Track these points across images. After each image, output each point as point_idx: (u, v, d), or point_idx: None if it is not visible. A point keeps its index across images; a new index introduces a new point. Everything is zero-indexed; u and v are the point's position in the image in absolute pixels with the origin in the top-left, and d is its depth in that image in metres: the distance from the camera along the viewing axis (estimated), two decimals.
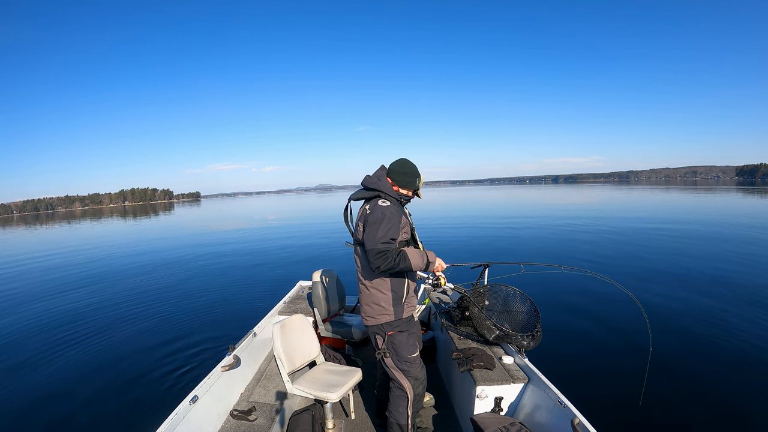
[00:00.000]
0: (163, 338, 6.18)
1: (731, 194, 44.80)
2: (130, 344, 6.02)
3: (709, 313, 6.34)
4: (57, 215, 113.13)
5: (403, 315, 2.48)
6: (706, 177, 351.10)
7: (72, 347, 6.04)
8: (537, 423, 2.49)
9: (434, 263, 2.47)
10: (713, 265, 9.56)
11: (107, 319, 7.35)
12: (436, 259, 2.47)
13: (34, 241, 27.00)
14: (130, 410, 4.18)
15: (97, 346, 6.02)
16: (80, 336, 6.49)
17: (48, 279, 11.73)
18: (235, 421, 2.61)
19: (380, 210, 2.32)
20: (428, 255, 2.43)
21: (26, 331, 6.93)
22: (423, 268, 2.39)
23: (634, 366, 4.63)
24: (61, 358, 5.65)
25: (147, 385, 4.71)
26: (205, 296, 8.63)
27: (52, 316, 7.72)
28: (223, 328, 6.44)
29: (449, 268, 2.70)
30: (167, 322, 6.97)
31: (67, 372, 5.22)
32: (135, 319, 7.26)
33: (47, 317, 7.70)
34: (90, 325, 7.00)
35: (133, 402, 4.36)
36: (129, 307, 8.02)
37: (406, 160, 2.53)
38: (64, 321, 7.37)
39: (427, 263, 2.41)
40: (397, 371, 2.51)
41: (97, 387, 4.77)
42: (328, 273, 3.89)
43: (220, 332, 6.21)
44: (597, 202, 36.60)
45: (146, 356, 5.54)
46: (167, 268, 12.34)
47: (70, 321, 7.34)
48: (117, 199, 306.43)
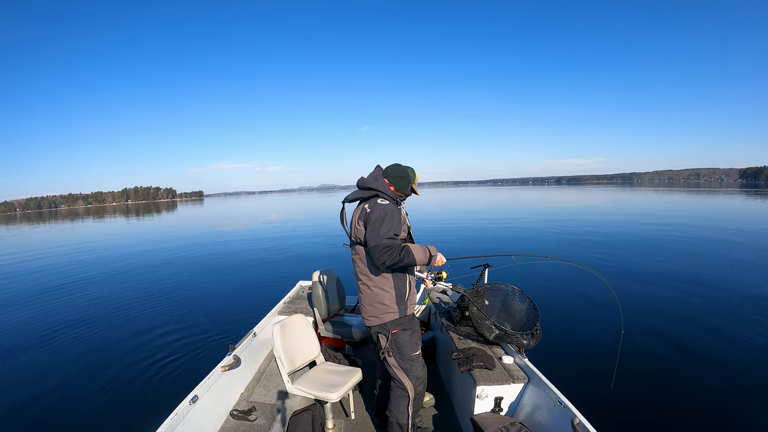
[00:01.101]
0: (163, 338, 6.19)
1: (733, 197, 44.69)
2: (130, 344, 6.02)
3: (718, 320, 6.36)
4: (60, 213, 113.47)
5: (407, 312, 2.53)
6: (709, 179, 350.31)
7: (72, 347, 6.05)
8: (537, 423, 2.49)
9: (436, 257, 2.50)
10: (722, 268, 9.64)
11: (107, 318, 7.36)
12: (437, 253, 2.51)
13: (35, 240, 27.00)
14: (130, 410, 4.18)
15: (96, 346, 6.03)
16: (80, 335, 6.51)
17: (47, 279, 11.71)
18: (235, 421, 2.61)
19: (381, 208, 2.36)
20: (430, 249, 2.47)
21: (26, 332, 6.92)
22: (426, 262, 2.44)
23: (632, 366, 4.65)
24: (61, 358, 5.66)
25: (147, 385, 4.71)
26: (205, 296, 8.64)
27: (52, 316, 7.72)
28: (223, 328, 6.45)
29: (449, 262, 2.72)
30: (167, 322, 6.98)
31: (67, 371, 5.23)
32: (135, 318, 7.27)
33: (47, 317, 7.70)
34: (90, 325, 7.01)
35: (133, 402, 4.36)
36: (129, 307, 8.03)
37: (400, 165, 2.59)
38: (64, 321, 7.37)
39: (429, 257, 2.46)
40: (399, 370, 2.52)
41: (97, 386, 4.77)
42: (328, 273, 3.90)
43: (220, 332, 6.22)
44: (602, 204, 36.55)
45: (146, 356, 5.55)
46: (167, 267, 12.36)
47: (70, 321, 7.35)
48: (120, 198, 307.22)
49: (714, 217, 22.09)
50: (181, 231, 25.95)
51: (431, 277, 2.63)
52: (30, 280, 11.63)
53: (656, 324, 6.03)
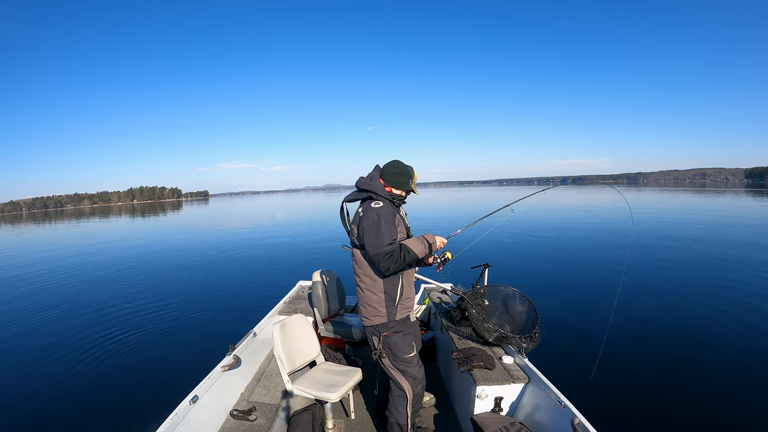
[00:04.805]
0: (163, 338, 6.22)
1: (739, 197, 44.20)
2: (130, 344, 6.05)
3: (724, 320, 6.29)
4: (66, 213, 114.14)
5: (396, 317, 2.48)
6: (715, 179, 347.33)
7: (72, 346, 6.08)
8: (537, 423, 2.48)
9: (435, 243, 2.44)
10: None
11: (107, 318, 7.39)
12: (434, 238, 2.45)
13: (34, 240, 27.16)
14: (131, 410, 4.20)
15: (96, 346, 6.05)
16: (80, 335, 6.54)
17: (47, 279, 11.77)
18: (235, 421, 2.61)
19: (374, 212, 2.33)
20: (426, 238, 2.41)
21: (26, 332, 6.95)
22: (427, 252, 2.38)
23: (633, 366, 4.63)
24: (61, 358, 5.69)
25: (147, 385, 4.73)
26: (206, 296, 8.67)
27: (52, 316, 7.77)
28: (223, 328, 6.47)
29: (450, 241, 2.62)
30: (167, 321, 7.01)
31: (67, 371, 5.26)
32: (134, 318, 7.30)
33: (47, 317, 7.75)
34: (89, 325, 7.04)
35: (133, 401, 4.38)
36: (128, 307, 8.06)
37: (399, 162, 2.52)
38: (64, 320, 7.42)
39: (429, 246, 2.39)
40: (395, 371, 2.52)
41: (98, 386, 4.80)
42: (328, 273, 3.90)
43: (220, 332, 6.23)
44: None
45: (146, 356, 5.58)
46: (167, 267, 12.41)
47: (70, 320, 7.39)
48: (125, 198, 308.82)
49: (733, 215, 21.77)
50: (183, 231, 26.07)
51: (438, 262, 2.57)
52: (30, 281, 11.67)
53: (657, 324, 5.99)
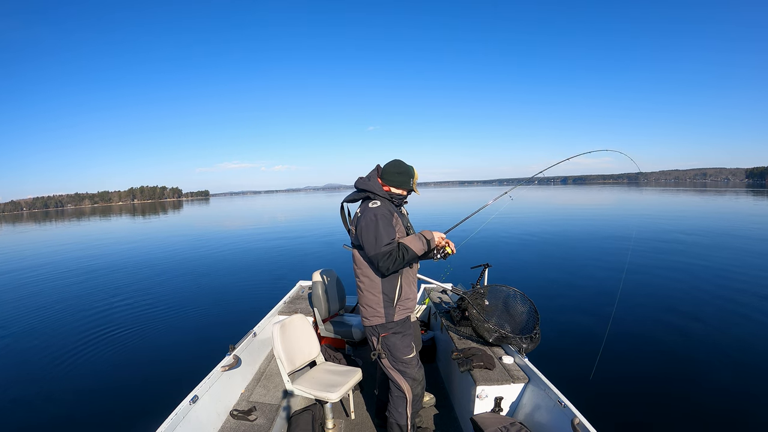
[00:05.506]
0: (163, 338, 6.22)
1: (739, 197, 44.16)
2: (130, 344, 6.06)
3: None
4: (66, 212, 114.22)
5: (395, 318, 2.46)
6: (715, 179, 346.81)
7: (71, 346, 6.08)
8: (537, 423, 2.48)
9: (433, 239, 2.41)
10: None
11: (106, 318, 7.40)
12: (432, 233, 2.42)
13: (34, 240, 27.17)
14: (131, 409, 4.21)
15: (96, 346, 6.06)
16: (80, 335, 6.54)
17: (47, 279, 11.80)
18: (235, 421, 2.61)
19: (371, 213, 2.32)
20: (424, 234, 2.38)
21: (26, 332, 6.97)
22: (425, 248, 2.35)
23: (633, 366, 4.63)
24: (61, 357, 5.69)
25: (147, 385, 4.73)
26: (206, 296, 8.67)
27: (52, 316, 7.79)
28: (223, 328, 6.47)
29: (447, 235, 2.58)
30: (167, 321, 7.02)
31: (67, 370, 5.27)
32: (135, 318, 7.30)
33: (47, 317, 7.76)
34: (89, 325, 7.05)
35: (133, 401, 4.39)
36: (128, 307, 8.07)
37: (400, 161, 2.51)
38: (63, 320, 7.43)
39: (427, 242, 2.36)
40: (394, 372, 2.51)
41: (97, 386, 4.81)
42: (328, 273, 3.90)
43: (220, 332, 6.23)
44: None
45: (146, 356, 5.58)
46: (167, 267, 12.42)
47: (70, 320, 7.40)
48: (126, 197, 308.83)
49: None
50: (183, 231, 26.08)
51: (439, 257, 2.55)
52: (29, 280, 11.70)
53: (657, 324, 5.99)
